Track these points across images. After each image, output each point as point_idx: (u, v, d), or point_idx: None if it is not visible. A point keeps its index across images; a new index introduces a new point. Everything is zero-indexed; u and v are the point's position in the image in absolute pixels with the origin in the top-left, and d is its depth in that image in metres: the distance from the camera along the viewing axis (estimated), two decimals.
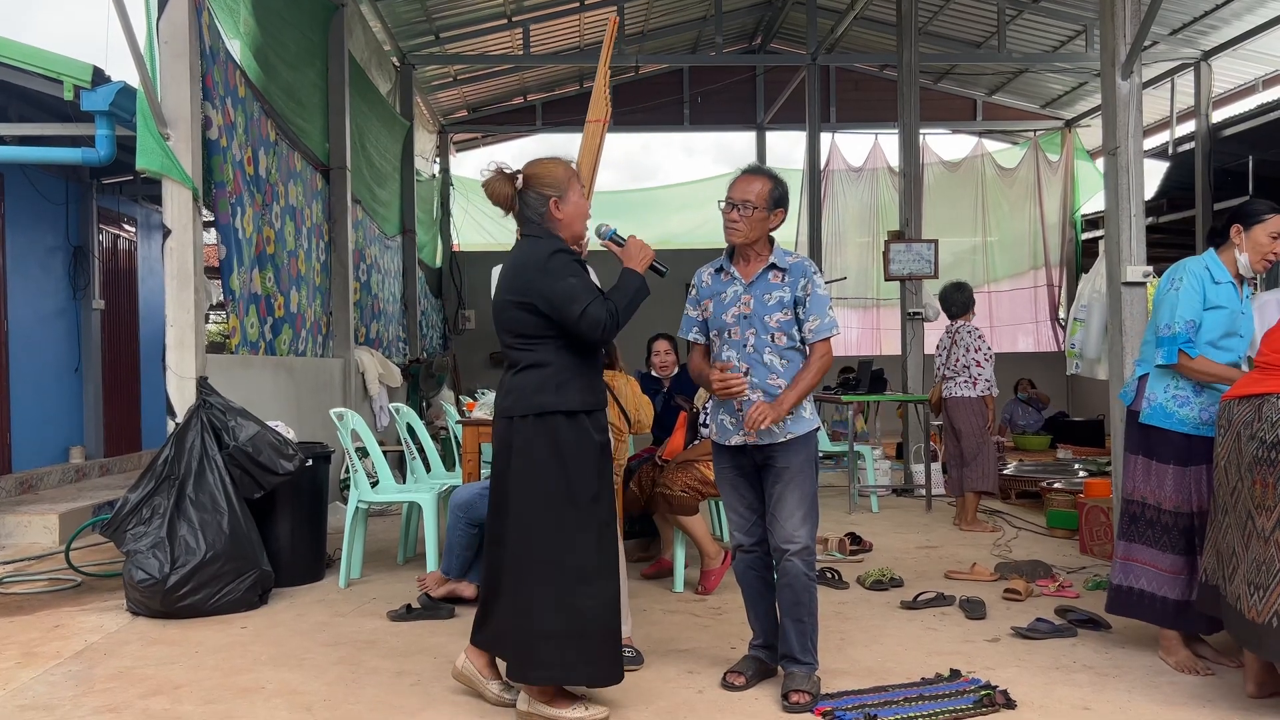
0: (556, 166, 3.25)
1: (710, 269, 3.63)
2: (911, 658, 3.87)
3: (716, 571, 4.95)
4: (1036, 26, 12.02)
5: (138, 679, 3.70)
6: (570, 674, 3.15)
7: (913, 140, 9.41)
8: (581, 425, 3.15)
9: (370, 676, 3.71)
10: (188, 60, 5.23)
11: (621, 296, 3.14)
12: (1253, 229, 3.73)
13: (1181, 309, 3.66)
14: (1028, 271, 14.88)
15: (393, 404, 6.44)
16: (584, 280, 3.12)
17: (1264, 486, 3.13)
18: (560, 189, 3.21)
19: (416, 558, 5.69)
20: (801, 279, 3.47)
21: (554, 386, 3.12)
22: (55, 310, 8.17)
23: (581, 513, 3.14)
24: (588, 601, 3.11)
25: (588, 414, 3.16)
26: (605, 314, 3.05)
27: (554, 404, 3.11)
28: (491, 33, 11.84)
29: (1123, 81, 5.38)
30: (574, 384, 3.14)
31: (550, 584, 3.11)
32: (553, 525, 3.13)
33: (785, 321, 3.46)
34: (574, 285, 3.08)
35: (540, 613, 3.11)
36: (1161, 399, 3.74)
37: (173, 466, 4.79)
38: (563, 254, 3.15)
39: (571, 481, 3.13)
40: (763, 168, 3.62)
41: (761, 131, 15.06)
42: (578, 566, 3.12)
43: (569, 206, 3.22)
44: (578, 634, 3.10)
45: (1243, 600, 3.16)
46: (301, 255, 7.21)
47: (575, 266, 3.15)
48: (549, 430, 3.12)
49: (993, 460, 6.75)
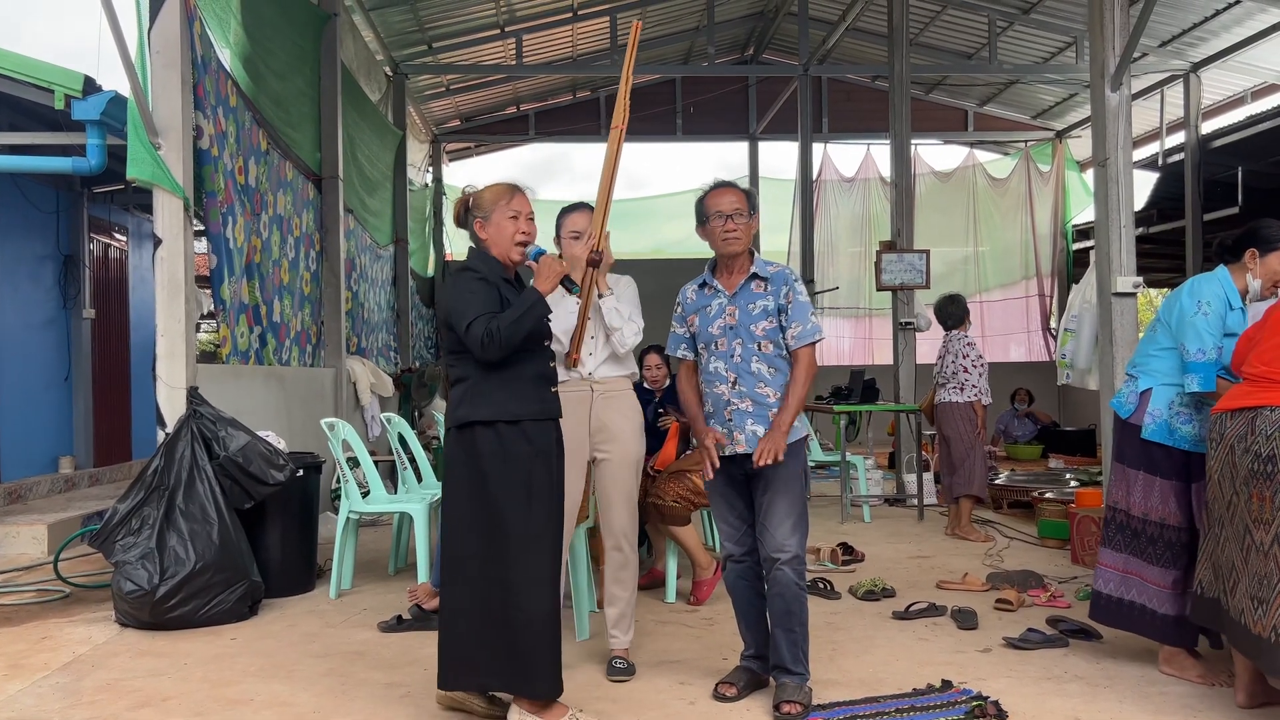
0: (489, 191, 3.37)
1: (694, 285, 3.67)
2: (903, 668, 3.86)
3: (708, 582, 4.94)
4: (1027, 38, 12.08)
5: (126, 691, 3.68)
6: (506, 685, 3.18)
7: (904, 151, 9.43)
8: (502, 435, 3.16)
9: (360, 688, 3.69)
10: (179, 70, 5.23)
11: (511, 313, 3.15)
12: (1268, 256, 3.70)
13: (1214, 334, 3.60)
14: (1019, 281, 14.93)
15: (384, 414, 6.43)
16: (478, 297, 3.16)
17: (1261, 500, 3.13)
18: (485, 211, 3.32)
19: (408, 568, 5.66)
20: (783, 287, 3.51)
21: (472, 398, 3.19)
22: (45, 319, 8.14)
23: (503, 523, 3.15)
24: (513, 613, 3.13)
25: (512, 424, 3.17)
26: (483, 331, 3.09)
27: (471, 415, 3.18)
28: (484, 43, 11.85)
29: (1112, 93, 5.42)
30: (494, 395, 3.17)
31: (478, 594, 3.16)
32: (475, 535, 3.17)
33: (771, 330, 3.48)
34: (466, 301, 3.16)
35: (472, 622, 3.16)
36: (1166, 415, 3.72)
37: (162, 477, 4.77)
38: (467, 272, 3.26)
39: (490, 492, 3.16)
40: (728, 180, 3.69)
41: (754, 142, 15.10)
42: (501, 577, 3.14)
43: (491, 227, 3.31)
44: (507, 645, 3.13)
45: (1246, 615, 3.16)
46: (286, 264, 7.18)
47: (476, 284, 3.20)
48: (468, 441, 3.19)
49: (982, 466, 6.77)
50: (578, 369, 3.88)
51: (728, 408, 3.49)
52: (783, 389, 3.48)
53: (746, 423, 3.46)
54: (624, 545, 3.90)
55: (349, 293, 8.82)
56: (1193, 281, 3.79)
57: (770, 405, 3.46)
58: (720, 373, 3.51)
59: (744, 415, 3.47)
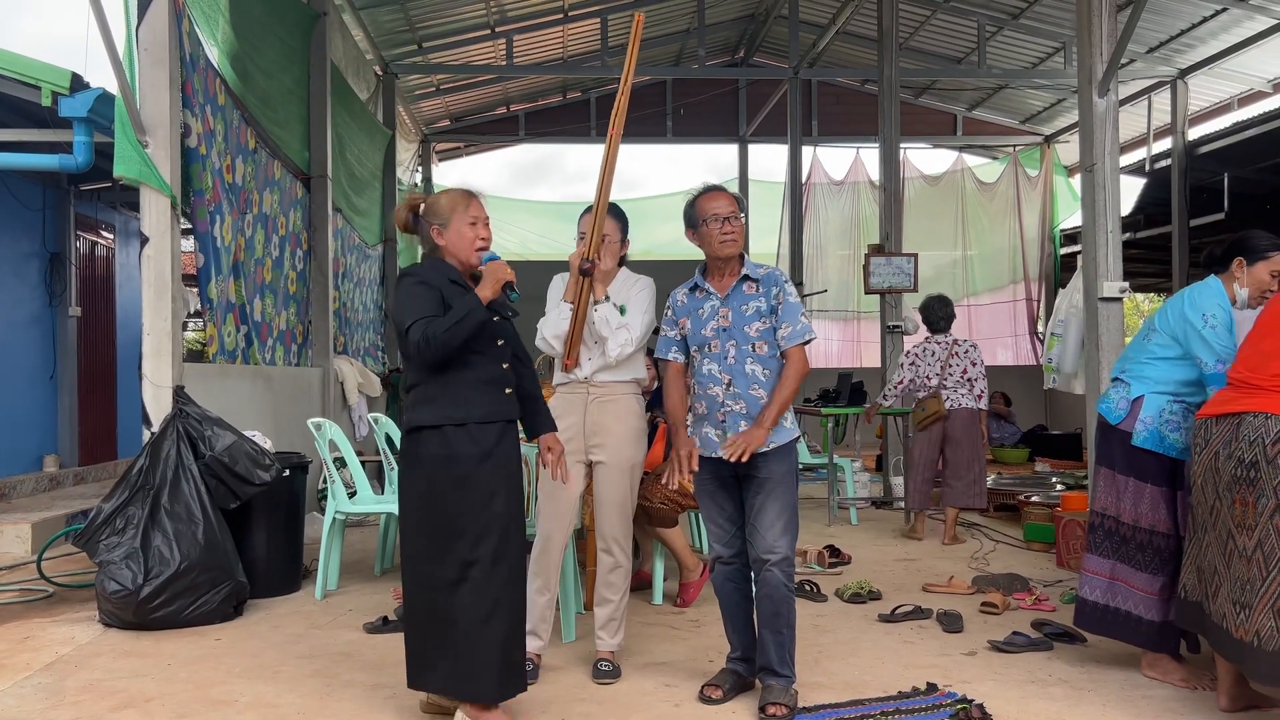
0: (445, 196, 3.37)
1: (685, 289, 3.67)
2: (888, 671, 3.87)
3: (695, 584, 4.95)
4: (1016, 43, 12.14)
5: (109, 691, 3.66)
6: (445, 686, 3.21)
7: (893, 154, 9.46)
8: (448, 438, 3.16)
9: (345, 689, 3.68)
10: (167, 67, 5.21)
11: (448, 319, 3.13)
12: (1256, 265, 3.71)
13: (1227, 343, 3.58)
14: (1007, 285, 14.99)
15: (372, 414, 6.41)
16: (417, 301, 3.16)
17: (1244, 505, 3.15)
18: (443, 218, 3.31)
19: (394, 569, 5.65)
20: (774, 288, 3.52)
21: (419, 401, 3.22)
22: (31, 317, 8.09)
23: (448, 525, 3.17)
24: (456, 614, 3.16)
25: (458, 427, 3.17)
26: (420, 336, 3.10)
27: (418, 419, 3.20)
28: (475, 43, 11.84)
29: (1100, 99, 5.44)
30: (441, 398, 3.19)
31: (426, 595, 3.19)
32: (423, 538, 3.20)
33: (764, 331, 3.49)
34: (404, 307, 3.17)
35: (412, 621, 3.24)
36: (1156, 423, 3.73)
37: (148, 476, 4.75)
38: (408, 277, 3.26)
39: (436, 494, 3.17)
40: (717, 184, 3.70)
41: (744, 144, 15.12)
42: (444, 578, 3.16)
43: (450, 234, 3.30)
44: (450, 647, 3.16)
45: (1229, 619, 3.18)
46: (269, 263, 7.16)
47: (415, 288, 3.20)
48: (414, 444, 3.22)
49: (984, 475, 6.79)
50: (575, 372, 3.88)
51: (721, 409, 3.50)
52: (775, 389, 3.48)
53: (740, 424, 3.46)
54: (614, 549, 3.90)
55: (336, 292, 8.79)
56: (1190, 292, 3.78)
57: (764, 406, 3.46)
58: (714, 375, 3.52)
59: (738, 417, 3.47)
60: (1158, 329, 3.81)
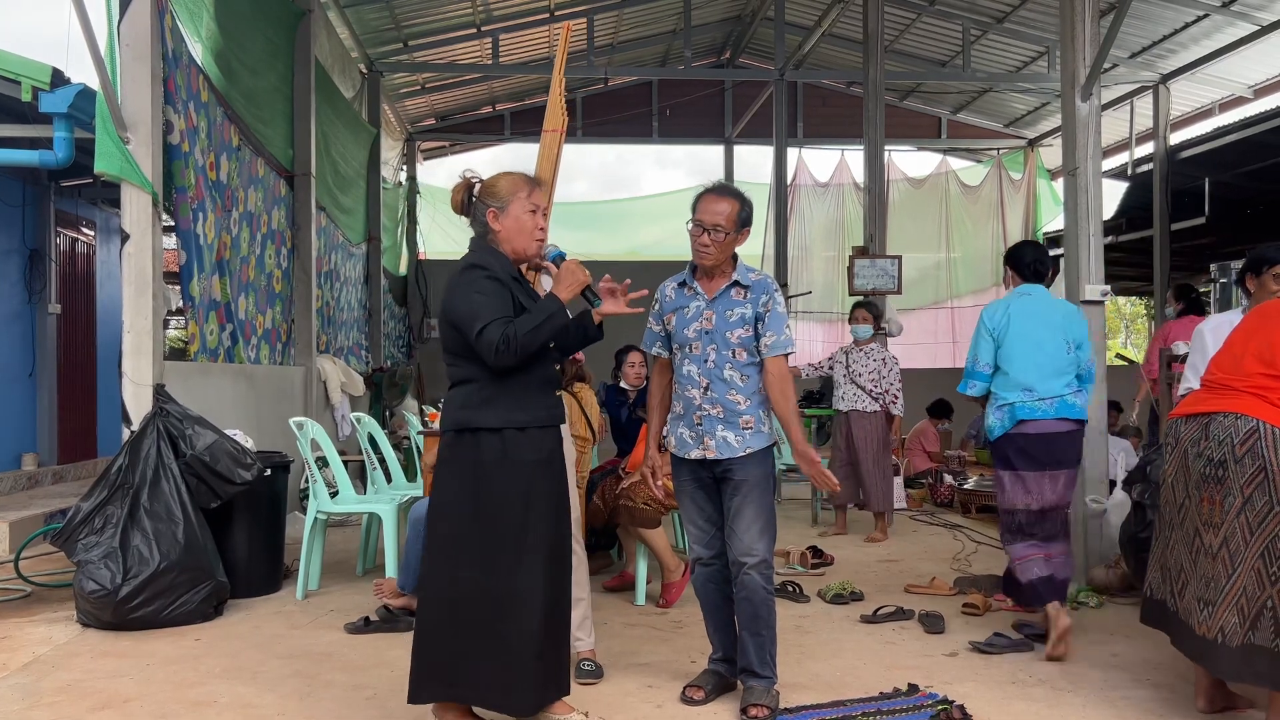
0: (506, 179, 3.16)
1: (674, 283, 3.64)
2: (870, 672, 3.88)
3: (677, 585, 4.95)
4: (1000, 47, 12.20)
5: (87, 692, 3.63)
6: (483, 699, 3.04)
7: (878, 157, 9.50)
8: (507, 443, 3.01)
9: (326, 690, 3.66)
10: (149, 63, 5.17)
11: (530, 321, 2.97)
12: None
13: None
14: (990, 288, 15.02)
15: (354, 413, 6.38)
16: (491, 299, 2.98)
17: (1211, 504, 3.18)
18: (502, 201, 3.11)
19: (375, 569, 5.62)
20: (763, 295, 3.49)
21: (478, 403, 3.02)
22: (10, 314, 8.02)
23: (500, 534, 3.00)
24: (500, 626, 2.98)
25: (519, 431, 3.03)
26: (499, 337, 2.90)
27: (474, 421, 3.01)
28: (460, 41, 11.81)
29: (1082, 103, 5.47)
30: (500, 401, 3.01)
31: (466, 605, 3.00)
32: (472, 545, 3.01)
33: (746, 338, 3.47)
34: (477, 303, 2.96)
35: (455, 633, 3.00)
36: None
37: (127, 475, 4.71)
38: (475, 269, 3.05)
39: (489, 501, 3.00)
40: (729, 186, 3.60)
41: (729, 145, 15.14)
42: (491, 588, 2.99)
43: (508, 219, 3.11)
44: (489, 658, 2.98)
45: (1193, 616, 3.21)
46: (254, 261, 7.12)
47: (486, 283, 3.00)
48: (469, 447, 3.02)
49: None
50: None
51: (698, 412, 3.49)
52: (754, 396, 3.47)
53: (717, 428, 3.46)
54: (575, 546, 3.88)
55: (319, 291, 8.75)
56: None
57: (741, 412, 3.45)
58: (693, 377, 3.51)
59: (714, 421, 3.47)
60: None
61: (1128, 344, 24.65)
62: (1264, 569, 3.04)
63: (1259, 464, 3.06)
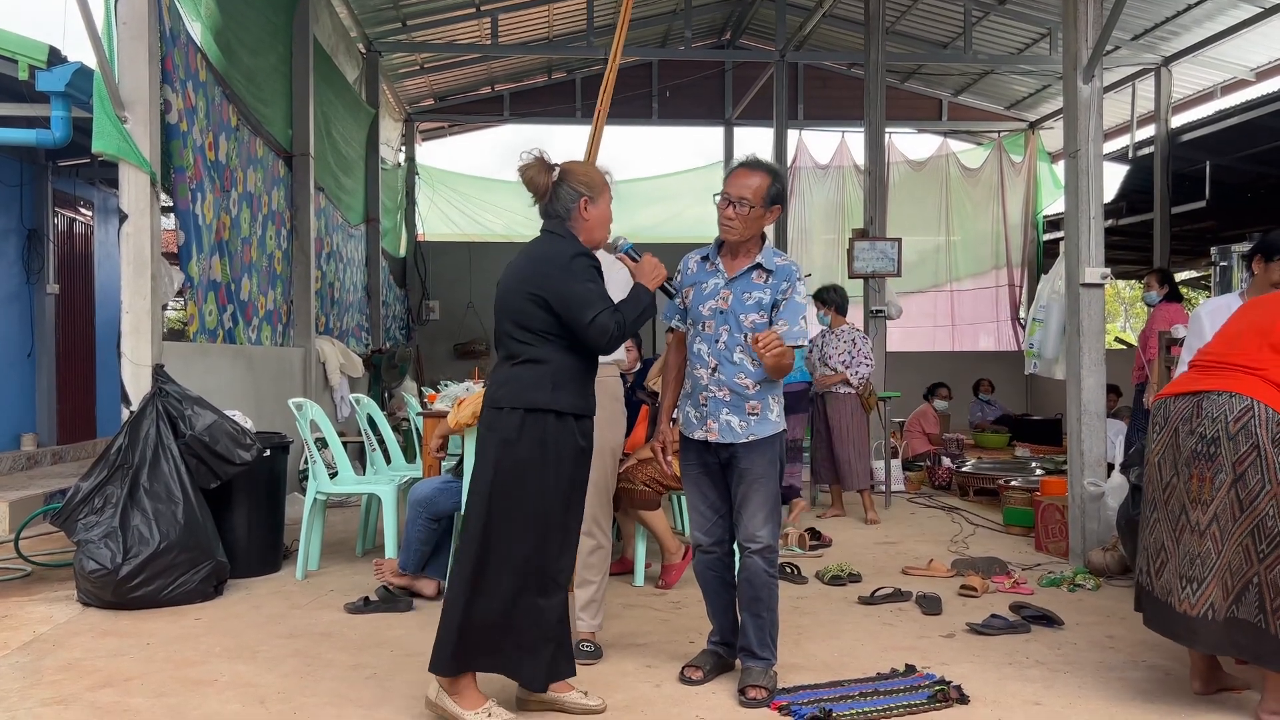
0: (595, 170, 3.36)
1: (697, 256, 3.61)
2: (867, 653, 3.90)
3: (677, 566, 4.96)
4: (1002, 28, 12.13)
5: (87, 671, 3.65)
6: (508, 668, 3.17)
7: (878, 139, 9.46)
8: (568, 428, 3.15)
9: (326, 669, 3.68)
10: (147, 42, 5.13)
11: (631, 310, 3.18)
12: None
13: None
14: (990, 271, 15.02)
15: (354, 394, 6.39)
16: (600, 287, 3.17)
17: (1201, 481, 3.18)
18: (594, 191, 3.27)
19: (375, 549, 5.64)
20: (784, 283, 3.46)
21: (550, 385, 3.12)
22: (8, 294, 8.01)
23: (551, 514, 3.14)
24: (541, 602, 3.13)
25: (576, 418, 3.17)
26: (614, 324, 3.10)
27: (546, 402, 3.11)
28: (459, 21, 11.74)
29: (1084, 85, 5.45)
30: (569, 386, 3.15)
31: (515, 580, 3.10)
32: (524, 522, 3.11)
33: (760, 323, 3.43)
34: (590, 291, 3.13)
35: (502, 607, 3.09)
36: None
37: (127, 455, 4.72)
38: (584, 258, 3.20)
39: (548, 482, 3.12)
40: (762, 160, 3.53)
41: (729, 127, 15.07)
42: (540, 568, 3.13)
43: (597, 210, 3.28)
44: (521, 630, 3.11)
45: (1174, 594, 3.22)
46: (255, 242, 7.10)
47: (594, 272, 3.19)
48: (536, 428, 3.10)
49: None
50: None
51: (704, 393, 3.48)
52: (762, 381, 3.44)
53: (721, 411, 3.45)
54: (595, 530, 3.90)
55: (319, 272, 8.74)
56: None
57: (748, 396, 3.44)
58: (703, 356, 3.49)
59: (720, 404, 3.45)
60: None
61: (1126, 327, 24.64)
62: (1253, 546, 3.06)
63: (1252, 442, 3.07)
